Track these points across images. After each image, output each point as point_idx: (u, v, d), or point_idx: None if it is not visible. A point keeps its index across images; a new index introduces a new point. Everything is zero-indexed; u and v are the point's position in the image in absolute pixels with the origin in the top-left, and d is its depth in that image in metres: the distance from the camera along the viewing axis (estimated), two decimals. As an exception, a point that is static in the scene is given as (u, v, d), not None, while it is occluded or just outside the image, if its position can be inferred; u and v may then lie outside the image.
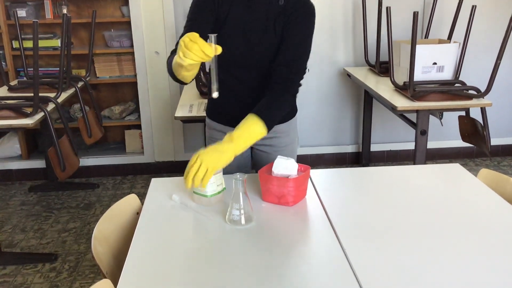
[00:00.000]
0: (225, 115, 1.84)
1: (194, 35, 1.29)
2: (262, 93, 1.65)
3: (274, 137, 1.84)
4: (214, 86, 1.37)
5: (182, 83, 1.65)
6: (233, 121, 1.86)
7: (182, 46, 1.30)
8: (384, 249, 1.29)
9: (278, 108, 1.61)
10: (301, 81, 1.68)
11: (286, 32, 1.65)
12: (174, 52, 1.65)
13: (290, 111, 1.88)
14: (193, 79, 1.61)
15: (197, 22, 1.64)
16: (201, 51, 1.28)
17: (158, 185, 1.72)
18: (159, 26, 3.66)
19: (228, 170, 1.71)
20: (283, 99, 1.63)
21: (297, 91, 1.69)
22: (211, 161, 1.42)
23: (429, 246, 1.30)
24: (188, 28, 1.66)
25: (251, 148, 1.90)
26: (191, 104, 2.90)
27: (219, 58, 1.37)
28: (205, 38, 1.32)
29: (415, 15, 2.61)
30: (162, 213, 1.52)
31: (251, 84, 1.75)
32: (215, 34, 1.34)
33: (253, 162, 1.94)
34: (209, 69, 1.37)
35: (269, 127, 1.57)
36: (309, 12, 1.66)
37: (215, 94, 1.38)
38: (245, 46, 1.68)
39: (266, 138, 1.83)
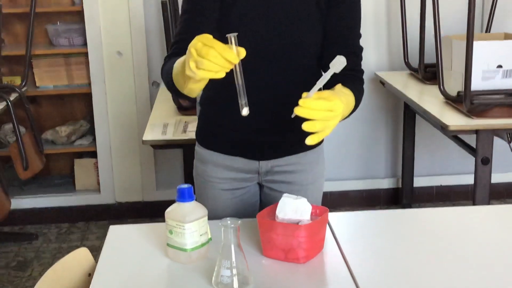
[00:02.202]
0: (234, 138, 1.79)
1: (208, 38, 1.30)
2: (295, 100, 1.63)
3: (295, 170, 1.83)
4: (243, 100, 1.40)
5: (182, 100, 1.64)
6: (248, 149, 1.80)
7: (194, 55, 1.31)
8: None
9: (359, 91, 1.68)
10: None
11: (338, 12, 1.70)
12: (171, 57, 1.65)
13: None
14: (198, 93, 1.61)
15: (198, 13, 1.67)
16: (221, 57, 1.29)
17: (118, 236, 1.70)
18: (122, 17, 3.69)
19: (224, 215, 1.68)
20: (360, 85, 1.72)
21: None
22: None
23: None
24: (187, 23, 1.67)
25: (260, 186, 1.89)
26: (165, 123, 2.90)
27: None
28: (209, 28, 1.36)
29: (472, 0, 2.63)
30: (123, 274, 1.50)
31: (277, 84, 1.71)
32: (235, 34, 1.35)
33: (264, 206, 1.91)
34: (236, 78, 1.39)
35: (356, 105, 1.64)
36: None
37: (245, 111, 1.40)
38: (269, 27, 1.67)
39: (284, 172, 1.83)
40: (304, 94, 1.40)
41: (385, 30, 3.85)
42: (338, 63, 1.42)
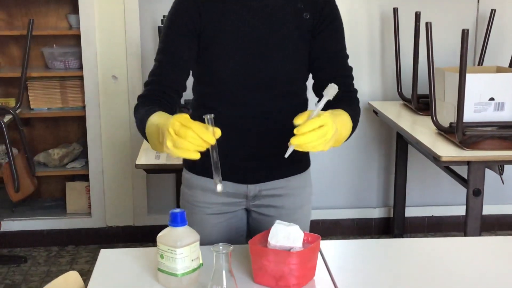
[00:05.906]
0: (223, 162, 1.79)
1: (185, 118, 1.36)
2: (282, 126, 1.62)
3: (283, 194, 1.84)
4: (218, 177, 1.46)
5: None
6: (236, 173, 1.80)
7: (172, 134, 1.36)
8: None
9: (355, 111, 1.70)
10: None
11: (323, 38, 1.73)
12: (144, 98, 1.68)
13: (304, 158, 1.89)
14: None
15: (173, 55, 1.71)
16: (199, 138, 1.35)
17: (109, 260, 1.69)
18: (118, 42, 3.71)
19: (211, 241, 1.69)
20: (356, 104, 1.75)
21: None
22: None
23: None
24: (161, 65, 1.72)
25: (247, 211, 1.89)
26: (159, 147, 2.91)
27: (209, 79, 1.42)
28: (186, 69, 1.37)
29: (465, 33, 2.66)
30: (113, 298, 1.49)
31: (264, 112, 1.74)
32: (212, 115, 1.42)
33: (251, 232, 1.92)
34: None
35: (355, 125, 1.65)
36: (336, 5, 1.78)
37: (219, 187, 1.46)
38: (251, 58, 1.70)
39: (271, 196, 1.84)
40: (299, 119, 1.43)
41: (379, 60, 3.89)
42: (331, 90, 1.46)
